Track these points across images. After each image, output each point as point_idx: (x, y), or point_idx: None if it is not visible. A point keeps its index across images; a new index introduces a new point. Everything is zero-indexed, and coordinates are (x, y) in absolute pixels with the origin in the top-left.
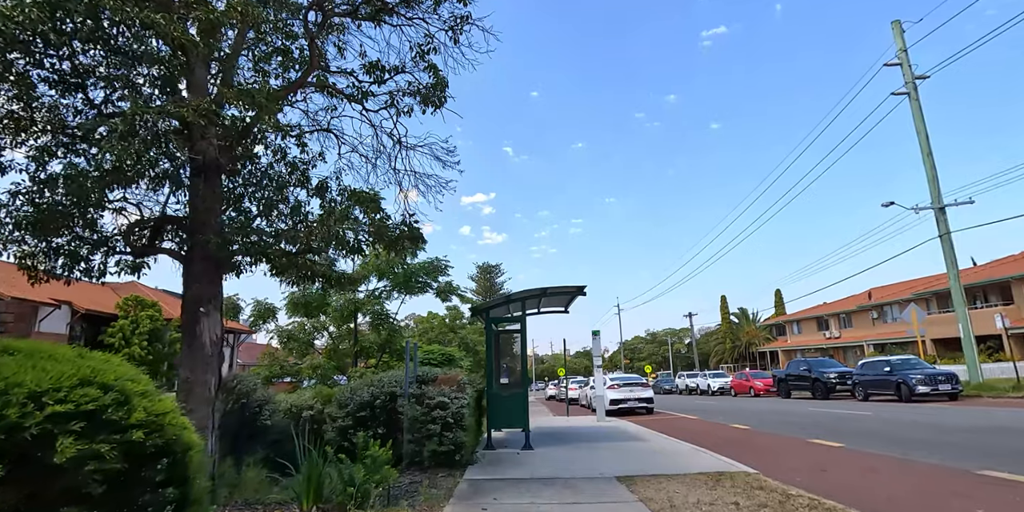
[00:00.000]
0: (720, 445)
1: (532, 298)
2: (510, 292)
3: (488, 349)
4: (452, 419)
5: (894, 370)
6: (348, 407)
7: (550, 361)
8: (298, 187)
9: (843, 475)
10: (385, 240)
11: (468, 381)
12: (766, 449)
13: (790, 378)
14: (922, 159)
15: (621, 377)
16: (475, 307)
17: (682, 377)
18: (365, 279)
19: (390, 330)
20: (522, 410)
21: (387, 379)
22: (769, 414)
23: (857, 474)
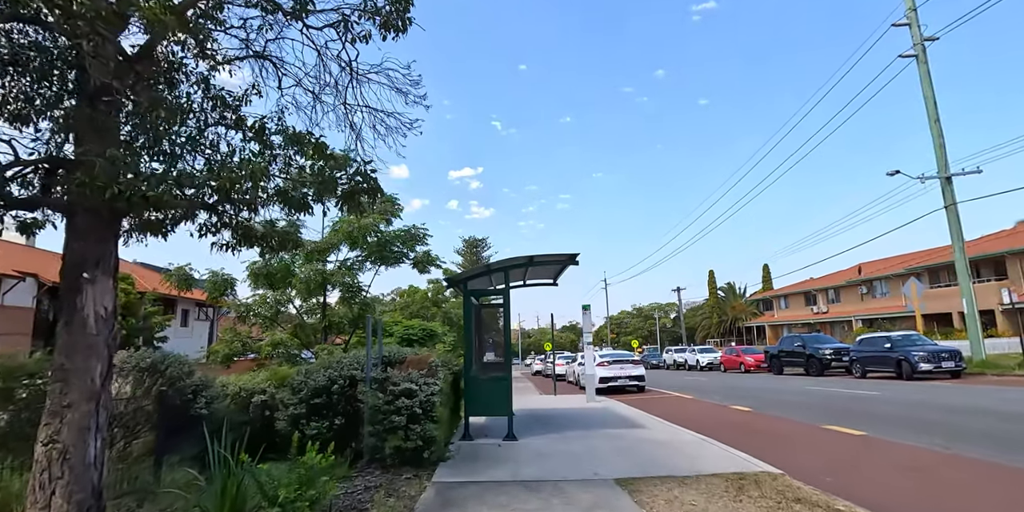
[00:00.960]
0: (726, 433)
1: (517, 268)
2: (491, 261)
3: (466, 325)
4: (420, 409)
5: (895, 346)
6: (301, 393)
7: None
8: (233, 129)
9: (884, 475)
10: (336, 193)
11: (442, 363)
12: (779, 438)
13: (783, 354)
14: (929, 126)
15: (611, 354)
16: (452, 277)
17: (670, 352)
18: (334, 248)
19: (362, 304)
20: (504, 395)
21: (348, 360)
22: (767, 393)
23: (900, 474)
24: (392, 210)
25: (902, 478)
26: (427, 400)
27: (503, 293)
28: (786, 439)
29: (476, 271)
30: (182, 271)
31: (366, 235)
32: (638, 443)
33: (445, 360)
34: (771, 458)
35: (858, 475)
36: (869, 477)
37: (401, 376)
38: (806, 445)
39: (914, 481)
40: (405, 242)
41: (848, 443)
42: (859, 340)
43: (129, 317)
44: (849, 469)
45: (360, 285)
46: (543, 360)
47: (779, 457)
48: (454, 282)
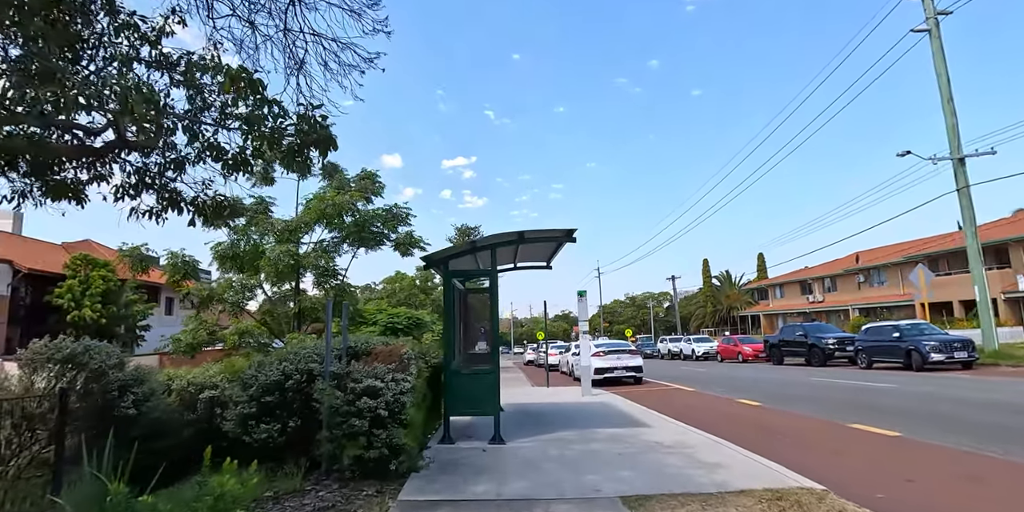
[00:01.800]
0: (740, 432)
1: (506, 246)
2: (477, 238)
3: (447, 312)
4: (387, 411)
5: (904, 336)
6: (251, 389)
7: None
8: (154, 69)
9: (944, 489)
10: (280, 147)
11: (417, 355)
12: (802, 439)
13: (783, 344)
14: (941, 105)
15: (607, 343)
16: (431, 256)
17: (664, 341)
18: (307, 228)
19: (339, 289)
20: (491, 392)
21: (307, 351)
22: (773, 385)
23: (963, 488)
24: (372, 188)
25: (969, 494)
26: (395, 400)
27: (490, 275)
28: (811, 441)
29: (459, 249)
30: (136, 251)
31: (342, 214)
32: (644, 447)
33: (422, 351)
34: (803, 466)
35: (914, 490)
36: (928, 492)
37: (364, 371)
38: (837, 449)
39: (987, 499)
40: (386, 222)
41: (884, 446)
42: (865, 329)
43: (109, 305)
44: (900, 482)
45: (335, 268)
46: (535, 349)
47: (811, 465)
48: (433, 262)
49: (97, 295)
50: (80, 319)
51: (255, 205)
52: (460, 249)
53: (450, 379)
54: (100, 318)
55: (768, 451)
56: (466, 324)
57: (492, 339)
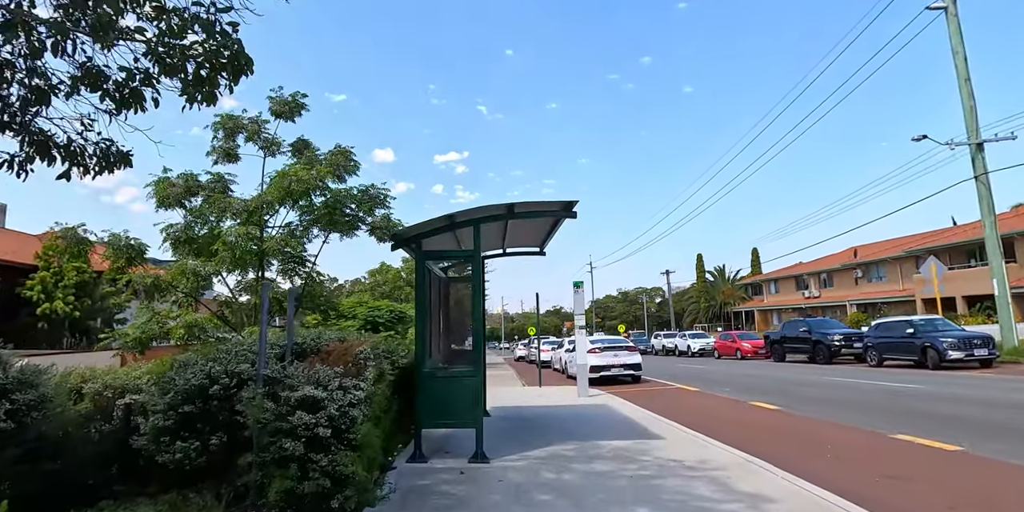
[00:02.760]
0: (768, 445)
1: (491, 220)
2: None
3: (419, 302)
4: (329, 430)
5: (918, 332)
6: (168, 395)
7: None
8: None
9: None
10: (182, 72)
11: (381, 354)
12: (846, 456)
13: (785, 340)
14: (958, 86)
15: (603, 339)
16: (399, 234)
17: (658, 337)
18: (270, 208)
19: (307, 278)
20: (472, 399)
21: (242, 349)
22: (784, 384)
23: None
24: (346, 165)
25: None
26: (341, 415)
27: (472, 258)
28: (859, 459)
29: (434, 225)
30: (72, 232)
31: (310, 193)
32: (660, 468)
33: (388, 350)
34: (865, 497)
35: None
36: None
37: (303, 376)
38: (897, 470)
39: None
40: (361, 204)
41: (951, 466)
42: (875, 325)
43: (84, 298)
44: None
45: (303, 255)
46: (527, 345)
47: (877, 496)
48: (403, 240)
49: (71, 287)
50: (51, 312)
51: (212, 183)
52: (436, 225)
53: (423, 383)
54: (73, 311)
55: (813, 474)
56: (448, 318)
57: (476, 335)
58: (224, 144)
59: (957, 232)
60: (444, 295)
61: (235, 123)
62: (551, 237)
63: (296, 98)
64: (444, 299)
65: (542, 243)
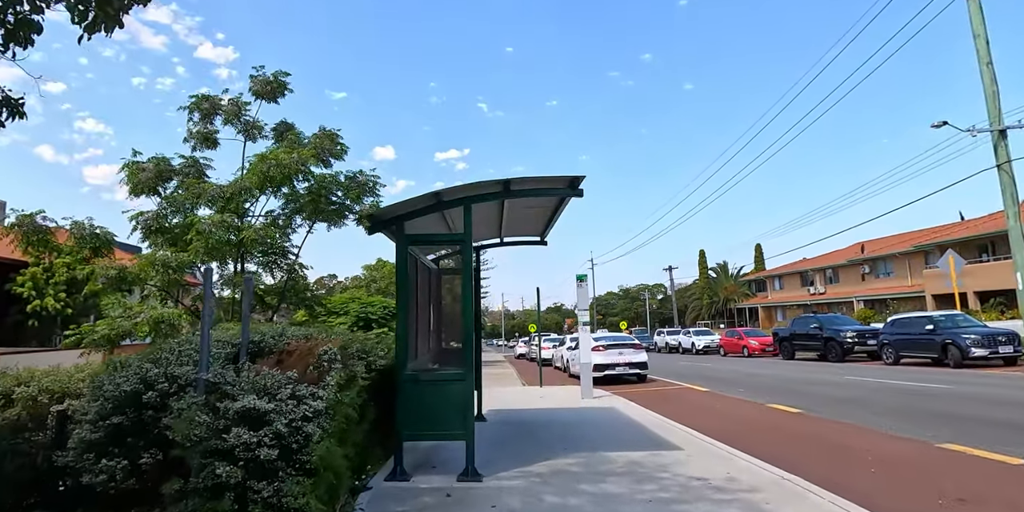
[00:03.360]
0: (801, 458)
1: (484, 199)
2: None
3: (401, 294)
4: (275, 450)
5: (939, 328)
6: (98, 402)
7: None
8: None
9: None
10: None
11: (350, 354)
12: (896, 472)
13: (795, 337)
14: (979, 70)
15: (607, 337)
16: (378, 214)
17: (661, 334)
18: (248, 194)
19: (290, 270)
20: (461, 407)
21: (188, 348)
22: (799, 384)
23: None
24: (331, 148)
25: None
26: (292, 431)
27: (462, 242)
28: (913, 476)
29: (418, 204)
30: (28, 220)
31: (292, 178)
32: (682, 490)
33: (363, 349)
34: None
35: None
36: None
37: (247, 381)
38: (963, 491)
39: None
40: (348, 191)
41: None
42: (891, 321)
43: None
44: None
45: (285, 246)
46: (527, 343)
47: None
48: (382, 222)
49: (62, 284)
50: (42, 309)
51: (186, 167)
52: (420, 204)
53: (403, 388)
54: (65, 308)
55: (862, 495)
56: (440, 314)
57: (466, 332)
58: (202, 128)
59: (967, 226)
60: (435, 288)
61: (212, 104)
62: (553, 223)
63: (278, 77)
64: (435, 293)
65: (543, 231)
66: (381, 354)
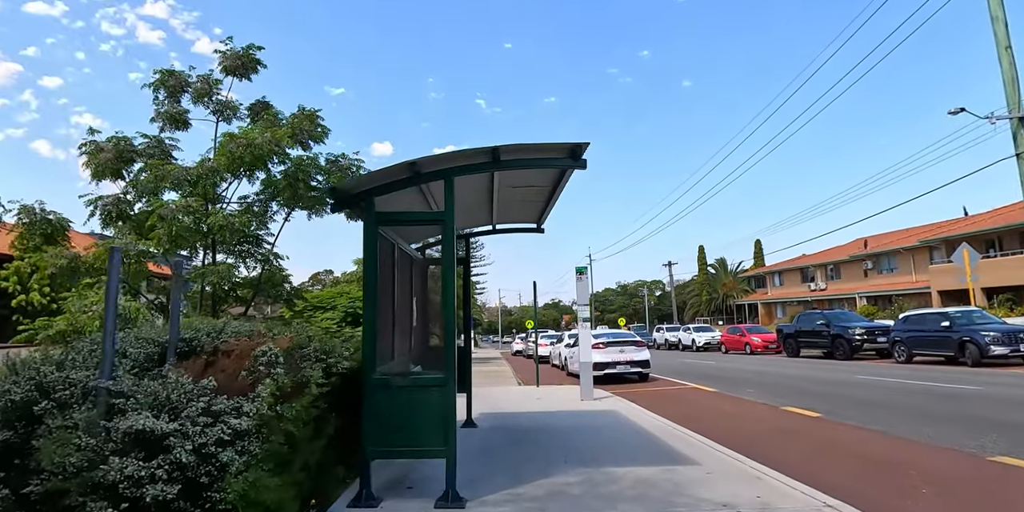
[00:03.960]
0: (842, 478)
1: (469, 171)
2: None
3: (367, 284)
4: (177, 486)
5: (955, 325)
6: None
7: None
8: None
9: None
10: None
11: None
12: (951, 494)
13: (800, 334)
14: (998, 55)
15: (608, 334)
16: (343, 188)
17: (661, 331)
18: (215, 176)
19: (264, 261)
20: (439, 417)
21: (82, 352)
22: (811, 384)
23: None
24: (310, 129)
25: None
26: (201, 460)
27: (442, 222)
28: (973, 497)
29: (391, 176)
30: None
31: (266, 161)
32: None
33: (322, 349)
34: None
35: None
36: None
37: (145, 389)
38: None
39: None
40: (330, 175)
41: None
42: (903, 318)
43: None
44: None
45: (258, 234)
46: (524, 339)
47: None
48: (348, 197)
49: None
50: (27, 303)
51: (149, 148)
52: (393, 176)
53: (371, 395)
54: (51, 303)
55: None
56: (426, 310)
57: (448, 326)
58: (170, 108)
59: (972, 222)
60: (420, 280)
61: (178, 80)
62: (551, 205)
63: (249, 51)
64: (420, 285)
65: (540, 216)
66: (346, 354)
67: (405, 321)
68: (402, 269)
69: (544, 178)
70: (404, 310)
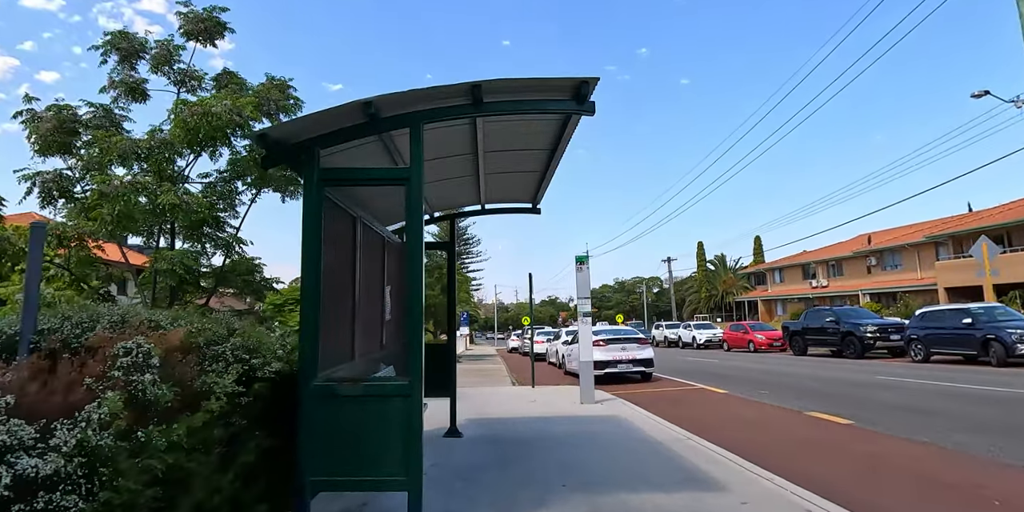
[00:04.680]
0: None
1: (440, 116)
2: (379, 95)
3: (308, 260)
4: None
5: (977, 322)
6: None
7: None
8: None
9: None
10: None
11: (204, 357)
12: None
13: (808, 331)
14: (1022, 36)
15: (609, 330)
16: (274, 134)
17: (660, 328)
18: (168, 149)
19: (225, 246)
20: (401, 437)
21: None
22: (828, 385)
23: None
24: (280, 99)
25: None
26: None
27: (406, 181)
28: None
29: (340, 121)
30: None
31: (227, 132)
32: None
33: (244, 346)
34: None
35: None
36: None
37: None
38: None
39: None
40: None
41: None
42: (920, 314)
43: None
44: None
45: (219, 216)
46: (520, 336)
47: None
48: (283, 148)
49: None
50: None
51: (96, 118)
52: (343, 120)
53: (311, 408)
54: None
55: None
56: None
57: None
58: (125, 76)
59: (980, 217)
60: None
61: (132, 43)
62: (550, 174)
63: (212, 13)
64: (395, 273)
65: (536, 193)
66: (280, 353)
67: (374, 314)
68: (370, 251)
69: (540, 137)
70: (373, 300)
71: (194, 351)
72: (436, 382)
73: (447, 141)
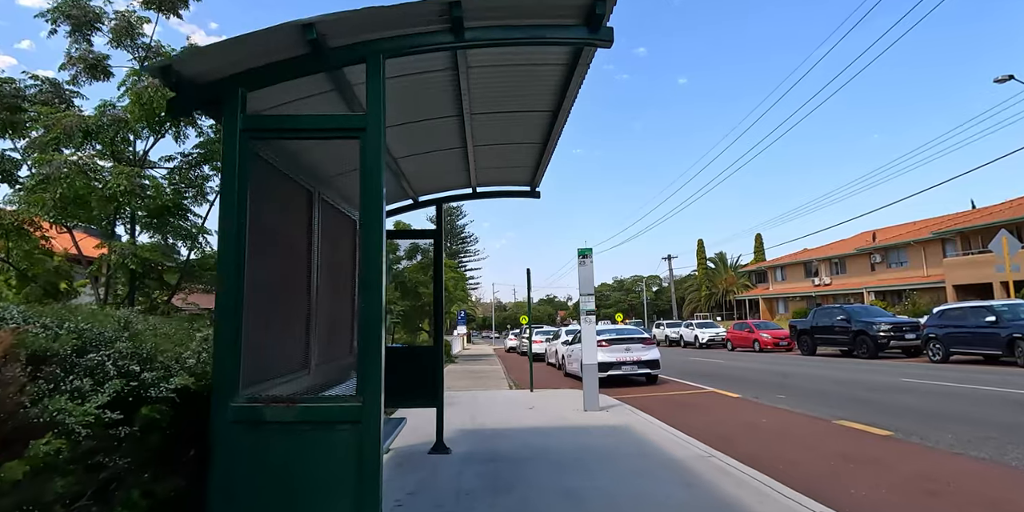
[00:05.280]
0: None
1: (408, 46)
2: (322, 15)
3: (226, 235)
4: None
5: (1002, 320)
6: None
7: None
8: None
9: None
10: None
11: (24, 365)
12: None
13: (817, 330)
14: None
15: (612, 330)
16: (182, 67)
17: (660, 326)
18: (123, 128)
19: (188, 237)
20: (351, 480)
21: None
22: (847, 388)
23: None
24: None
25: None
26: None
27: (361, 131)
28: None
29: (274, 52)
30: None
31: None
32: None
33: (134, 353)
34: None
35: None
36: None
37: None
38: None
39: None
40: None
41: None
42: (938, 313)
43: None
44: None
45: (182, 203)
46: (518, 335)
47: None
48: (194, 86)
49: None
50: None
51: (42, 93)
52: (277, 51)
53: (226, 441)
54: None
55: None
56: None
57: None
58: (84, 52)
59: (985, 213)
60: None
61: (85, 12)
62: (551, 148)
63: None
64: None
65: (534, 173)
66: (192, 363)
67: (341, 312)
68: (334, 236)
69: (540, 89)
70: (340, 295)
71: (33, 362)
72: (421, 390)
73: (423, 97)
